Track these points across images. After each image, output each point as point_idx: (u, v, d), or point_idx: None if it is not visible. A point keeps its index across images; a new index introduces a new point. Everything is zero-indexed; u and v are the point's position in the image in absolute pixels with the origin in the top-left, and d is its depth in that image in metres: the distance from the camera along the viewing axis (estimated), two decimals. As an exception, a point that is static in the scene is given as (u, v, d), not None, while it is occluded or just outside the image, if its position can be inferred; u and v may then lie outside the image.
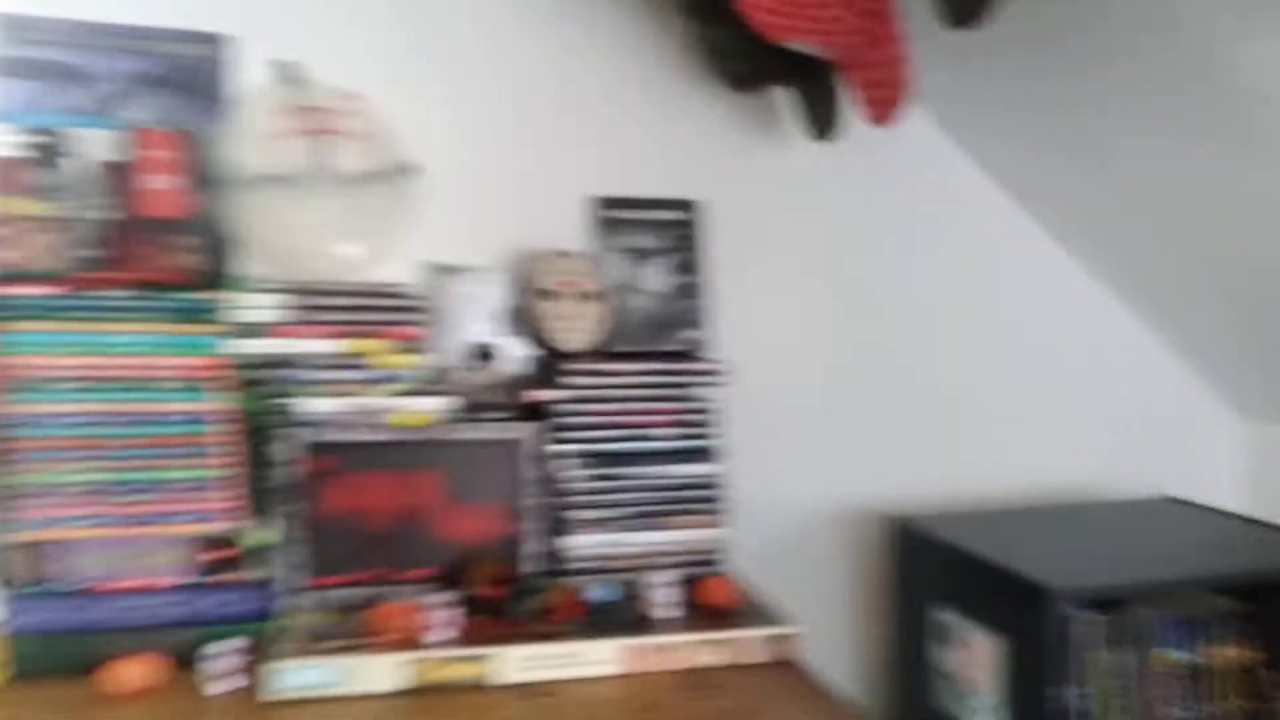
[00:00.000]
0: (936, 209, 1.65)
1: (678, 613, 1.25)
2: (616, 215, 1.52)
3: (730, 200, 1.57)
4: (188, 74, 1.32)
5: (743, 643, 1.20)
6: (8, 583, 1.13)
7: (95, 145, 1.25)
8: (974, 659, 1.33)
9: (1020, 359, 1.69)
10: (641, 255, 1.52)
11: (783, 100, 1.57)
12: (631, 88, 1.53)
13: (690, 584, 1.31)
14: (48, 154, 1.25)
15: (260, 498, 1.23)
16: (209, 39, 1.34)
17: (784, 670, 1.19)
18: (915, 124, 1.60)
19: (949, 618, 1.38)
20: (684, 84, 1.55)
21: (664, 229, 1.53)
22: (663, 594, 1.24)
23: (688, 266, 1.53)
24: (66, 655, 1.12)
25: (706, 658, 1.18)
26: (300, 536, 1.23)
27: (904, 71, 1.32)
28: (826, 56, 1.37)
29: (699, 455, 1.38)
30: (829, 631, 1.61)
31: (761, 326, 1.58)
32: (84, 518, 1.13)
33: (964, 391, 1.67)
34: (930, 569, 1.43)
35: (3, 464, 1.11)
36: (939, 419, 1.66)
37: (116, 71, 1.30)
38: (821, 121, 1.48)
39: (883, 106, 1.35)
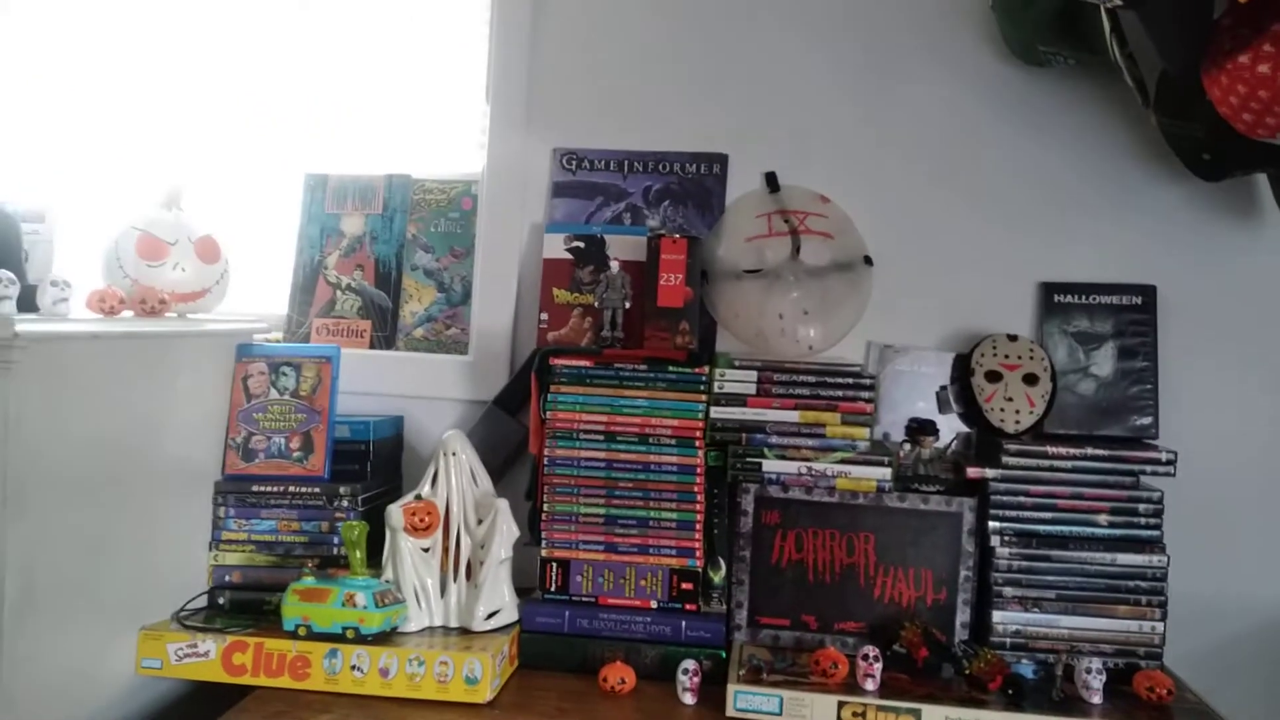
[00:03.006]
0: None
1: (1106, 700, 1.25)
2: (1066, 300, 1.56)
3: (1186, 287, 1.54)
4: (696, 187, 1.63)
5: (1179, 741, 1.19)
6: (530, 589, 1.45)
7: (623, 248, 1.59)
8: None
9: None
10: (1089, 339, 1.55)
11: (1251, 186, 1.52)
12: (1082, 174, 1.58)
13: (1121, 673, 1.31)
14: (587, 256, 1.61)
15: (720, 541, 1.45)
16: (718, 158, 1.63)
17: (1225, 776, 1.16)
18: None
19: None
20: (1137, 169, 1.56)
21: (1114, 314, 1.55)
22: (1093, 679, 1.26)
23: (1138, 352, 1.53)
24: (565, 654, 1.38)
25: (1138, 750, 1.19)
26: (752, 579, 1.43)
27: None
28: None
29: (1141, 545, 1.37)
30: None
31: (1215, 418, 1.53)
32: (593, 543, 1.43)
33: None
34: None
35: (544, 495, 1.44)
36: None
37: (642, 188, 1.64)
38: (1303, 207, 1.41)
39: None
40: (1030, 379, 1.49)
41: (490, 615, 1.38)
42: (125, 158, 1.86)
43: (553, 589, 1.43)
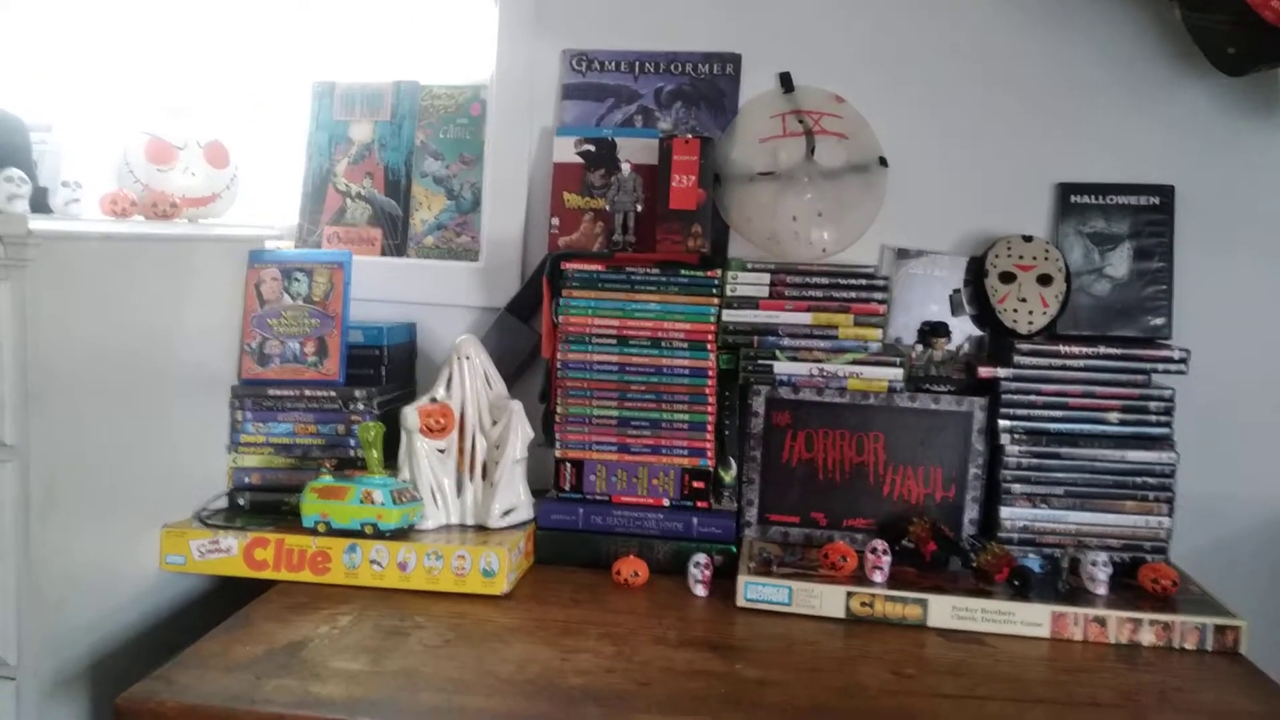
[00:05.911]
0: None
1: (1111, 591, 1.27)
2: (1083, 200, 1.54)
3: (1205, 186, 1.52)
4: (709, 88, 1.60)
5: (1181, 627, 1.20)
6: (545, 490, 1.47)
7: (634, 151, 1.57)
8: None
9: None
10: (1105, 240, 1.53)
11: (1274, 82, 1.48)
12: (1101, 71, 1.54)
13: (1127, 567, 1.33)
14: (597, 159, 1.59)
15: (730, 441, 1.46)
16: (731, 58, 1.60)
17: (1226, 660, 1.18)
18: None
19: None
20: (1157, 66, 1.52)
21: (1131, 214, 1.53)
22: (1099, 571, 1.28)
23: (1154, 253, 1.52)
24: (579, 550, 1.41)
25: (1140, 636, 1.21)
26: (762, 478, 1.44)
27: None
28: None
29: (1151, 442, 1.38)
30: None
31: (1230, 319, 1.52)
32: (606, 444, 1.44)
33: None
34: None
35: (558, 398, 1.45)
36: None
37: (654, 89, 1.61)
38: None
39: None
40: (1045, 279, 1.49)
41: (506, 513, 1.40)
42: (130, 66, 1.83)
43: (567, 488, 1.45)
